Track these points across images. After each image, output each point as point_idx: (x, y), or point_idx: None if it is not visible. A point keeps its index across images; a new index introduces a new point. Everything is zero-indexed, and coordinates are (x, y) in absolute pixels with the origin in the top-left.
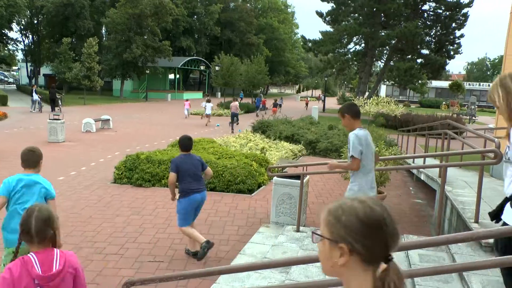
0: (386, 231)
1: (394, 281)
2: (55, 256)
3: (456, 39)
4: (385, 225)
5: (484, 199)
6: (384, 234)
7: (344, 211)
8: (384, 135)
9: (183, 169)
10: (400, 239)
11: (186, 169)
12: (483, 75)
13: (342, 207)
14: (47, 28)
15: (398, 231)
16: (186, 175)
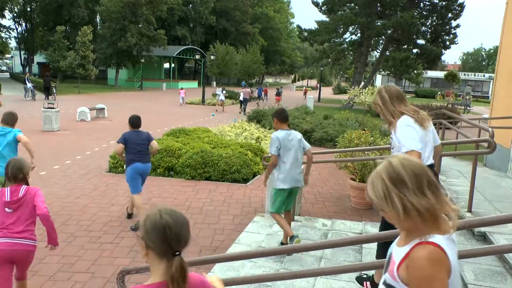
0: (169, 235)
1: (174, 271)
2: (21, 189)
3: (452, 29)
4: (169, 230)
5: (478, 189)
6: (167, 237)
7: (146, 217)
8: (379, 124)
9: (129, 142)
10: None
11: (132, 142)
12: (479, 66)
13: (147, 214)
14: (41, 16)
15: (182, 236)
16: (132, 147)
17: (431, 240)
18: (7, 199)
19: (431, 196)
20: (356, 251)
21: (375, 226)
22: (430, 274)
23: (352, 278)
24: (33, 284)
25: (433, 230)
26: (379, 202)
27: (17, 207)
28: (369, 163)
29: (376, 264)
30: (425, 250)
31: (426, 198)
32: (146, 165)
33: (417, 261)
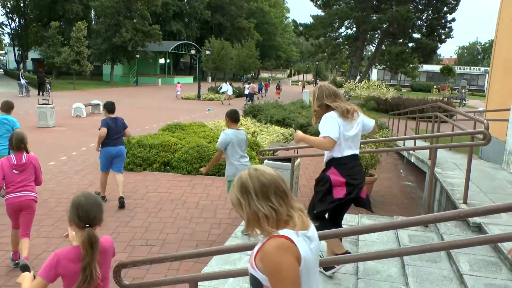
0: (81, 211)
1: (83, 240)
2: (23, 156)
3: (447, 23)
4: (81, 207)
5: (473, 181)
6: (78, 212)
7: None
8: (375, 118)
9: (109, 128)
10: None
11: (111, 128)
12: (474, 59)
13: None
14: (34, 12)
15: (91, 213)
16: (109, 132)
17: (281, 234)
18: (13, 162)
19: (276, 201)
20: (352, 244)
21: (372, 219)
22: (280, 260)
23: (350, 270)
24: None
25: (281, 227)
26: (235, 208)
27: (22, 169)
28: (364, 156)
29: (373, 255)
30: (275, 241)
31: (270, 203)
32: (118, 147)
33: (268, 250)
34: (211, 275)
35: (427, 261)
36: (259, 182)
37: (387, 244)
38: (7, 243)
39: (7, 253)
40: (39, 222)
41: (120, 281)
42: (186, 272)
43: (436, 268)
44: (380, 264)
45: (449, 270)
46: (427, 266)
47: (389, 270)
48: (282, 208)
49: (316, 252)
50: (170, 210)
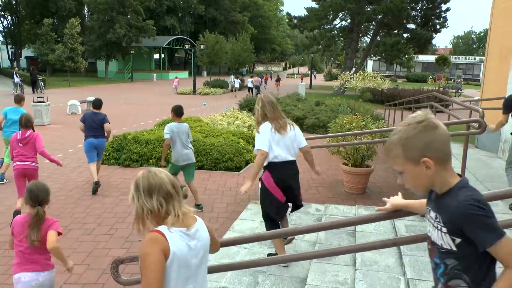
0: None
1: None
2: (28, 132)
3: (442, 13)
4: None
5: (469, 169)
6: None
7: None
8: (371, 110)
9: (86, 121)
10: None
11: (88, 121)
12: (469, 49)
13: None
14: (27, 9)
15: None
16: (88, 126)
17: (156, 229)
18: (19, 137)
19: (157, 200)
20: (350, 235)
21: (369, 210)
22: (146, 251)
23: (347, 261)
24: None
25: (160, 224)
26: (129, 201)
27: (25, 143)
28: (361, 147)
29: (369, 245)
30: (150, 234)
31: (152, 202)
32: (99, 139)
33: (143, 242)
34: (209, 268)
35: (424, 251)
36: (148, 182)
37: (384, 235)
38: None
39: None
40: None
41: (118, 277)
42: None
43: None
44: (377, 255)
45: None
46: (424, 255)
47: (386, 261)
48: (163, 207)
49: (199, 250)
50: None
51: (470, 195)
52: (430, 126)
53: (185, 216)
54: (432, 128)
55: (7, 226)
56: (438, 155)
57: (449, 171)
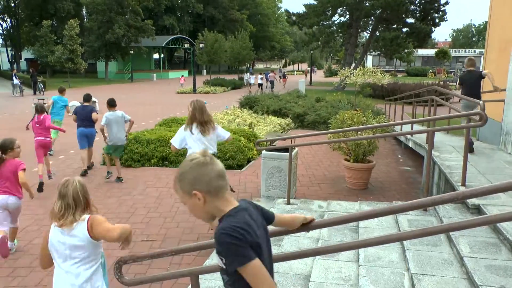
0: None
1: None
2: (42, 116)
3: (440, 6)
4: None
5: (471, 162)
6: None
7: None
8: (371, 105)
9: (78, 114)
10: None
11: (79, 114)
12: (469, 42)
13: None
14: (26, 11)
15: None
16: (79, 117)
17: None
18: (36, 120)
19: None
20: (352, 231)
21: (371, 206)
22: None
23: (351, 257)
24: (32, 279)
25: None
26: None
27: (40, 123)
28: (362, 142)
29: (373, 241)
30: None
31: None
32: (88, 129)
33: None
34: (212, 268)
35: (427, 245)
36: (67, 190)
37: (387, 230)
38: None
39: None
40: (38, 222)
41: (121, 277)
42: (187, 266)
43: (437, 252)
44: (380, 250)
45: (449, 253)
46: (427, 250)
47: (390, 256)
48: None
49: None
50: (170, 204)
51: (228, 224)
52: (200, 163)
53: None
54: (201, 165)
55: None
56: (207, 188)
57: (222, 200)
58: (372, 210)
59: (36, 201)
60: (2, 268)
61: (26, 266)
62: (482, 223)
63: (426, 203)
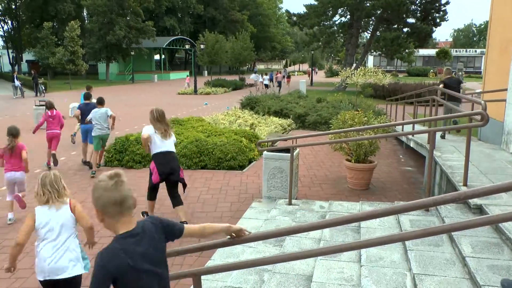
0: (8, 131)
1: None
2: (54, 111)
3: (441, 6)
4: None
5: (473, 162)
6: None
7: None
8: (372, 105)
9: (81, 110)
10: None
11: (82, 110)
12: (470, 42)
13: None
14: (27, 13)
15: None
16: (82, 114)
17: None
18: (50, 114)
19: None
20: (354, 231)
21: (373, 206)
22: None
23: (353, 258)
24: (34, 281)
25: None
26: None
27: (53, 118)
28: (364, 143)
29: (374, 241)
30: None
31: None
32: (89, 125)
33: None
34: (214, 268)
35: (429, 245)
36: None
37: (389, 230)
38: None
39: None
40: None
41: None
42: (189, 267)
43: (439, 252)
44: (382, 251)
45: (451, 254)
46: (429, 250)
47: (392, 256)
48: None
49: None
50: (171, 205)
51: (104, 248)
52: (102, 187)
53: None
54: (103, 189)
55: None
56: (103, 210)
57: (118, 223)
58: (374, 211)
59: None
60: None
61: (28, 268)
62: (484, 223)
63: (428, 203)
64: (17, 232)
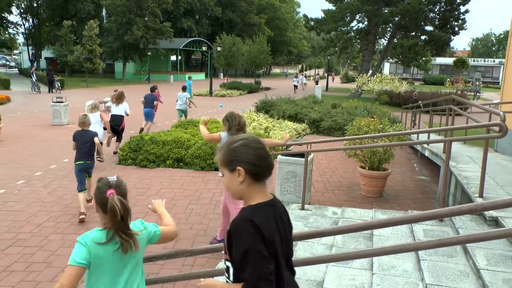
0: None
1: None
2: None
3: (460, 15)
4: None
5: (489, 174)
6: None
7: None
8: (388, 112)
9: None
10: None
11: (147, 98)
12: (488, 51)
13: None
14: (47, 11)
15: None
16: (146, 101)
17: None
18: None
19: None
20: (367, 239)
21: (386, 214)
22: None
23: (364, 265)
24: (47, 275)
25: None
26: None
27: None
28: (378, 150)
29: (389, 249)
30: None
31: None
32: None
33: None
34: (222, 272)
35: (442, 256)
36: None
37: (402, 239)
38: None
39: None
40: (55, 219)
41: None
42: (200, 267)
43: (452, 263)
44: (395, 259)
45: (465, 265)
46: (442, 261)
47: (404, 265)
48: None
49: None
50: (184, 206)
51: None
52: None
53: None
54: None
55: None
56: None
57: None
58: (390, 219)
59: (50, 198)
60: (18, 263)
61: (42, 261)
62: (501, 236)
63: (445, 214)
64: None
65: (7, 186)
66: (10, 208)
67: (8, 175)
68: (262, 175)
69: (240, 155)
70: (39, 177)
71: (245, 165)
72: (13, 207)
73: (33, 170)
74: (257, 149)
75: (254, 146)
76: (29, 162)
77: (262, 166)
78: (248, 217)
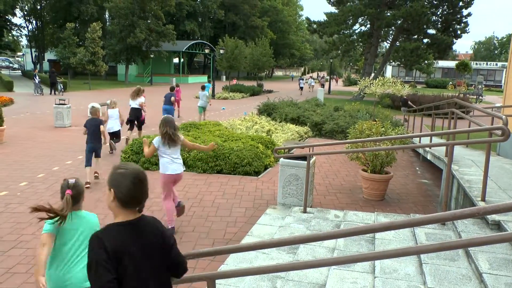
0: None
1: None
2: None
3: (463, 18)
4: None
5: (491, 178)
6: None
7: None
8: (390, 115)
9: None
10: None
11: (166, 97)
12: (491, 55)
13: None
14: (51, 14)
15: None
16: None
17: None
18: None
19: None
20: (369, 242)
21: (388, 217)
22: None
23: (366, 268)
24: None
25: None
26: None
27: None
28: (380, 153)
29: (390, 253)
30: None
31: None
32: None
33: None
34: (230, 273)
35: (444, 260)
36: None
37: (404, 242)
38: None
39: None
40: None
41: None
42: (202, 270)
43: (454, 267)
44: (397, 263)
45: (467, 269)
46: (444, 264)
47: (406, 269)
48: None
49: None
50: (186, 208)
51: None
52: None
53: None
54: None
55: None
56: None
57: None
58: (392, 222)
59: (53, 200)
60: (21, 265)
61: None
62: (504, 240)
63: (447, 217)
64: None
65: (10, 188)
66: (13, 210)
67: (10, 176)
68: (129, 203)
69: (115, 181)
70: (42, 179)
71: (116, 190)
72: (15, 209)
73: (36, 172)
74: (132, 183)
75: (129, 179)
76: (31, 164)
77: (128, 196)
78: (96, 234)
